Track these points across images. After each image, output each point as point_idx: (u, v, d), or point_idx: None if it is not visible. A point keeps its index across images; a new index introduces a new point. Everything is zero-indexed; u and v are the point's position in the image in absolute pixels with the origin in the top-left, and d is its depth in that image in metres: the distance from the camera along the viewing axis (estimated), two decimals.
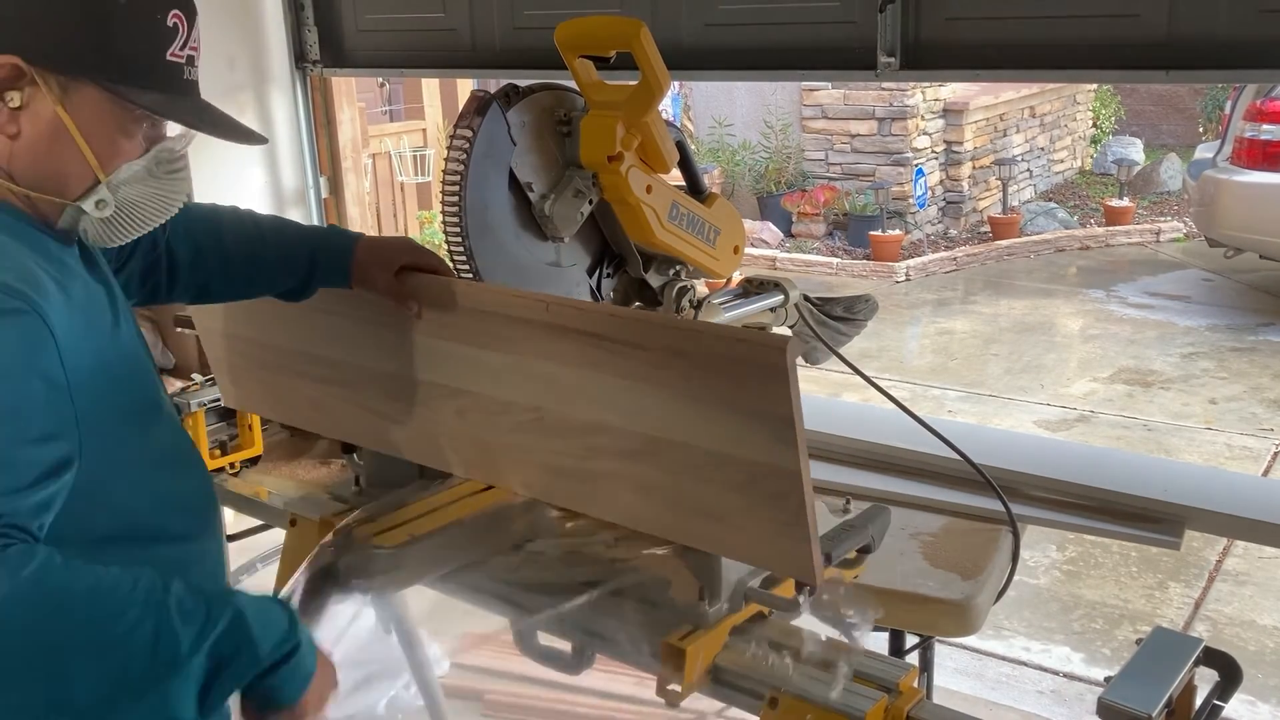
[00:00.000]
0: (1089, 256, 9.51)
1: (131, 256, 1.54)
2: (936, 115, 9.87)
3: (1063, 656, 3.79)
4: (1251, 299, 8.04)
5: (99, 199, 1.25)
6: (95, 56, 1.20)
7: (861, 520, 1.59)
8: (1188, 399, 6.20)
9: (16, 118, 1.21)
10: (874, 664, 1.39)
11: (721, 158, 10.35)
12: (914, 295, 8.60)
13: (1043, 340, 7.42)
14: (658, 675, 1.39)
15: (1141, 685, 1.33)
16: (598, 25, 1.87)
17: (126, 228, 1.29)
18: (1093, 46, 2.33)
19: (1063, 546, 4.47)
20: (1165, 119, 13.55)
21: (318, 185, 3.91)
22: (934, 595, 1.78)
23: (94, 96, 1.21)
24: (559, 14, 1.95)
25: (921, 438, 2.06)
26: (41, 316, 1.14)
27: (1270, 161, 7.39)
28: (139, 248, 1.52)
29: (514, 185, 1.83)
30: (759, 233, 9.65)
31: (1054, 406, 6.14)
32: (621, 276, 2.02)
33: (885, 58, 2.55)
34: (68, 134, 1.21)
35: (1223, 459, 5.39)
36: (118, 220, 1.28)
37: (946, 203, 10.11)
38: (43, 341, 1.14)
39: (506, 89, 1.82)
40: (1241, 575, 4.29)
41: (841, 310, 2.33)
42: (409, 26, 3.45)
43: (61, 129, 1.21)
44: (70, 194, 1.25)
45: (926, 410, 3.19)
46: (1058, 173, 11.60)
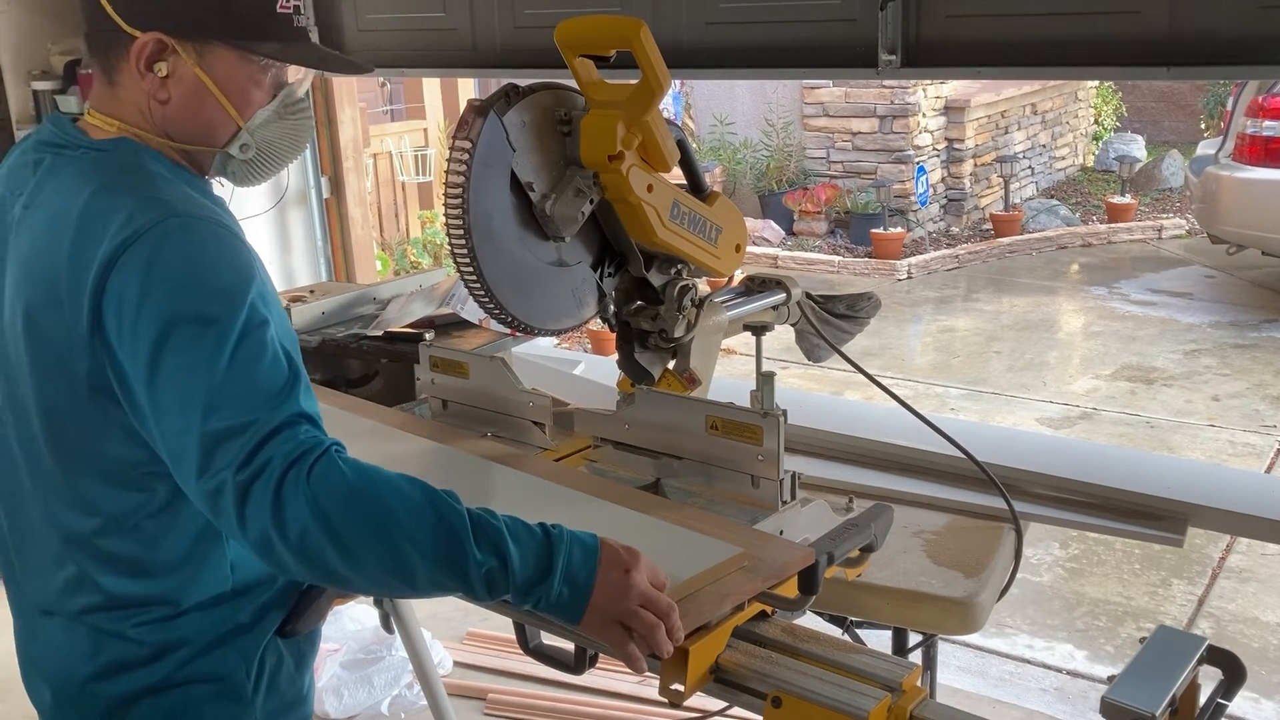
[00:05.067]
0: (1091, 254, 9.50)
1: None
2: (938, 113, 9.86)
3: (1066, 654, 3.79)
4: (1254, 295, 8.03)
5: (242, 143, 1.44)
6: (221, 20, 1.37)
7: (864, 518, 1.59)
8: (1190, 396, 6.19)
9: (166, 85, 1.37)
10: (877, 663, 1.38)
11: (723, 156, 10.35)
12: (916, 293, 8.59)
13: (1045, 337, 7.41)
14: (660, 675, 1.39)
15: (1145, 684, 1.33)
16: (598, 24, 1.87)
17: (267, 166, 1.49)
18: (1094, 44, 2.33)
19: (1065, 544, 4.47)
20: (1167, 116, 13.54)
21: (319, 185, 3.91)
22: (937, 593, 1.78)
23: (224, 55, 1.38)
24: (559, 13, 1.95)
25: (924, 435, 2.06)
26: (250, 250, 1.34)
27: (1272, 158, 7.38)
28: None
29: (515, 186, 1.83)
30: (761, 231, 9.64)
31: (1056, 404, 6.14)
32: (623, 276, 2.02)
33: (886, 56, 2.54)
34: (208, 92, 1.39)
35: (1225, 456, 5.38)
36: (259, 160, 1.47)
37: (948, 200, 10.10)
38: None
39: (507, 89, 1.82)
40: (1244, 572, 4.29)
41: (844, 308, 2.33)
42: (409, 26, 3.45)
43: (203, 88, 1.38)
44: (219, 142, 1.43)
45: (929, 408, 3.19)
46: (1059, 170, 11.59)
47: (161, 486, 1.34)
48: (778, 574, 1.43)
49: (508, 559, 1.25)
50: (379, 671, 3.40)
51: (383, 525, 1.21)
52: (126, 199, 1.30)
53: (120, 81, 1.40)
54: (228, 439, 1.20)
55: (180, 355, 1.22)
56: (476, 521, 1.26)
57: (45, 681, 1.46)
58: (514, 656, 3.52)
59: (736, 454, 1.66)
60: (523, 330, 1.94)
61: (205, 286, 1.25)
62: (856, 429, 2.28)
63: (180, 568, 1.39)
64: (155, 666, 1.40)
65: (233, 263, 1.29)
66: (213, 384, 1.21)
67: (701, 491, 1.71)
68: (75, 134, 1.41)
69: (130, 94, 1.40)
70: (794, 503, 1.66)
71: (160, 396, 1.23)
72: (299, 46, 1.45)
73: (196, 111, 1.40)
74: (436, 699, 2.92)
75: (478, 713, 3.40)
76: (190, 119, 1.40)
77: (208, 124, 1.41)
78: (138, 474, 1.34)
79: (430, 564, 1.22)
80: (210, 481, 1.21)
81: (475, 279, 1.81)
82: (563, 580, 1.27)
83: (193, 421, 1.21)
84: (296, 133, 1.50)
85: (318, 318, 2.59)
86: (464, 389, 2.05)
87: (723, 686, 1.40)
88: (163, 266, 1.25)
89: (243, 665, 1.45)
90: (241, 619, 1.44)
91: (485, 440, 1.94)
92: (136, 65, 1.37)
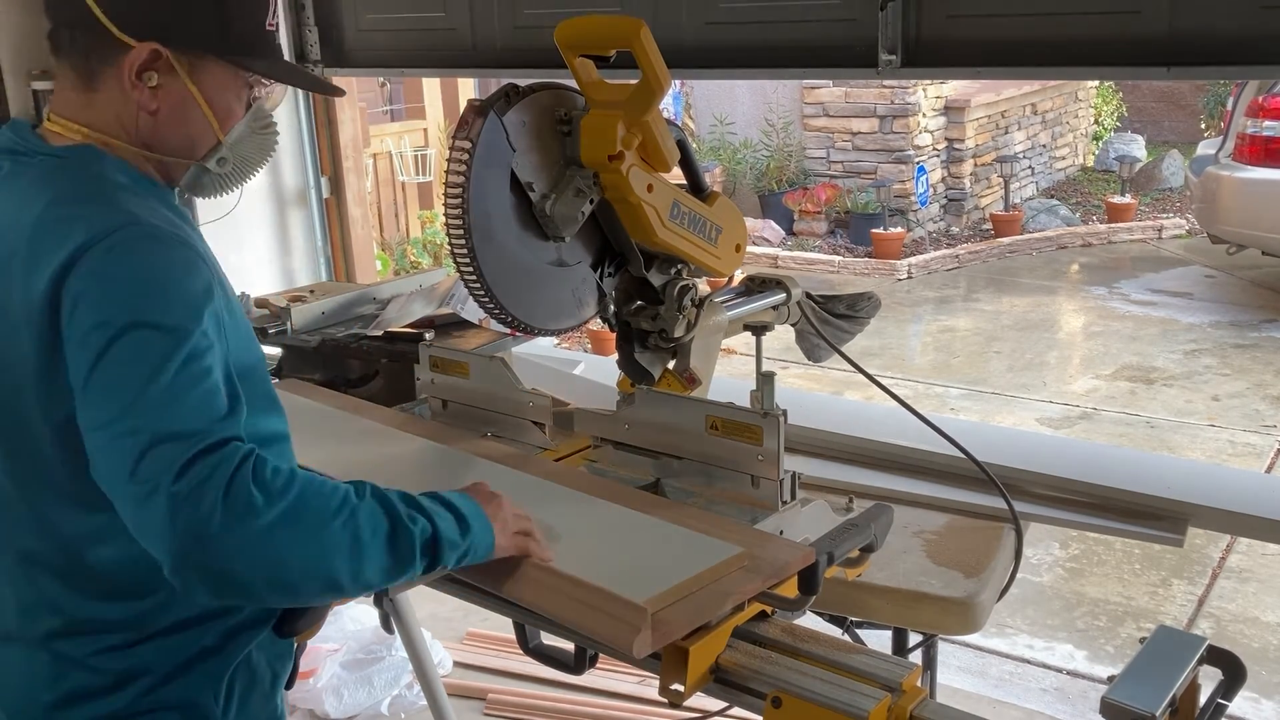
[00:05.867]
0: (1091, 253, 9.50)
1: None
2: (938, 113, 9.86)
3: (1066, 654, 3.79)
4: (1254, 295, 8.03)
5: (220, 157, 1.44)
6: (220, 36, 1.38)
7: (864, 518, 1.59)
8: (1190, 396, 6.19)
9: (155, 96, 1.37)
10: (877, 663, 1.38)
11: (723, 156, 10.35)
12: (916, 293, 8.59)
13: (1045, 337, 7.41)
14: (660, 675, 1.39)
15: (1145, 684, 1.33)
16: (598, 24, 1.87)
17: (237, 179, 1.50)
18: (1094, 43, 2.33)
19: (1066, 544, 4.47)
20: (1167, 115, 13.55)
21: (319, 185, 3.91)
22: (937, 593, 1.78)
23: (217, 70, 1.39)
24: (559, 13, 1.95)
25: (924, 435, 2.06)
26: (213, 272, 1.32)
27: (1272, 158, 7.38)
28: None
29: (515, 186, 1.83)
30: (761, 231, 9.64)
31: (1056, 404, 6.14)
32: (623, 276, 2.02)
33: (886, 55, 2.54)
34: (195, 105, 1.39)
35: (1225, 456, 5.38)
36: (232, 173, 1.48)
37: (948, 200, 10.11)
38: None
39: (506, 89, 1.82)
40: (1245, 572, 4.29)
41: (844, 308, 2.33)
42: (409, 26, 3.45)
43: (191, 101, 1.39)
44: (198, 155, 1.43)
45: (929, 408, 3.19)
46: (1059, 170, 11.59)
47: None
48: (778, 574, 1.43)
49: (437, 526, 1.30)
50: (379, 671, 3.40)
51: (317, 532, 1.19)
52: (85, 207, 1.28)
53: (101, 88, 1.37)
54: (167, 443, 1.16)
55: (127, 356, 1.19)
56: (405, 499, 1.30)
57: (3, 709, 1.41)
58: (514, 656, 3.52)
59: (736, 454, 1.66)
60: (523, 330, 1.94)
61: (162, 295, 1.23)
62: (856, 429, 2.28)
63: (143, 591, 1.34)
64: (118, 695, 1.36)
65: (191, 279, 1.26)
66: (158, 388, 1.18)
67: (701, 491, 1.71)
68: (34, 141, 1.38)
69: (110, 102, 1.37)
70: (794, 503, 1.66)
71: (98, 393, 1.19)
72: (283, 64, 1.48)
73: (182, 124, 1.40)
74: (436, 699, 2.92)
75: (478, 713, 3.40)
76: (174, 131, 1.40)
77: (191, 137, 1.41)
78: (98, 493, 1.27)
79: (372, 554, 1.23)
80: (142, 486, 1.15)
81: (475, 279, 1.81)
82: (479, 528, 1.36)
83: (131, 422, 1.17)
84: (265, 147, 1.51)
85: (318, 318, 2.59)
86: (464, 389, 2.05)
87: (723, 686, 1.40)
88: (121, 270, 1.23)
89: (210, 690, 1.41)
90: (207, 642, 1.40)
91: (485, 440, 1.94)
92: (128, 74, 1.34)
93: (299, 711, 3.33)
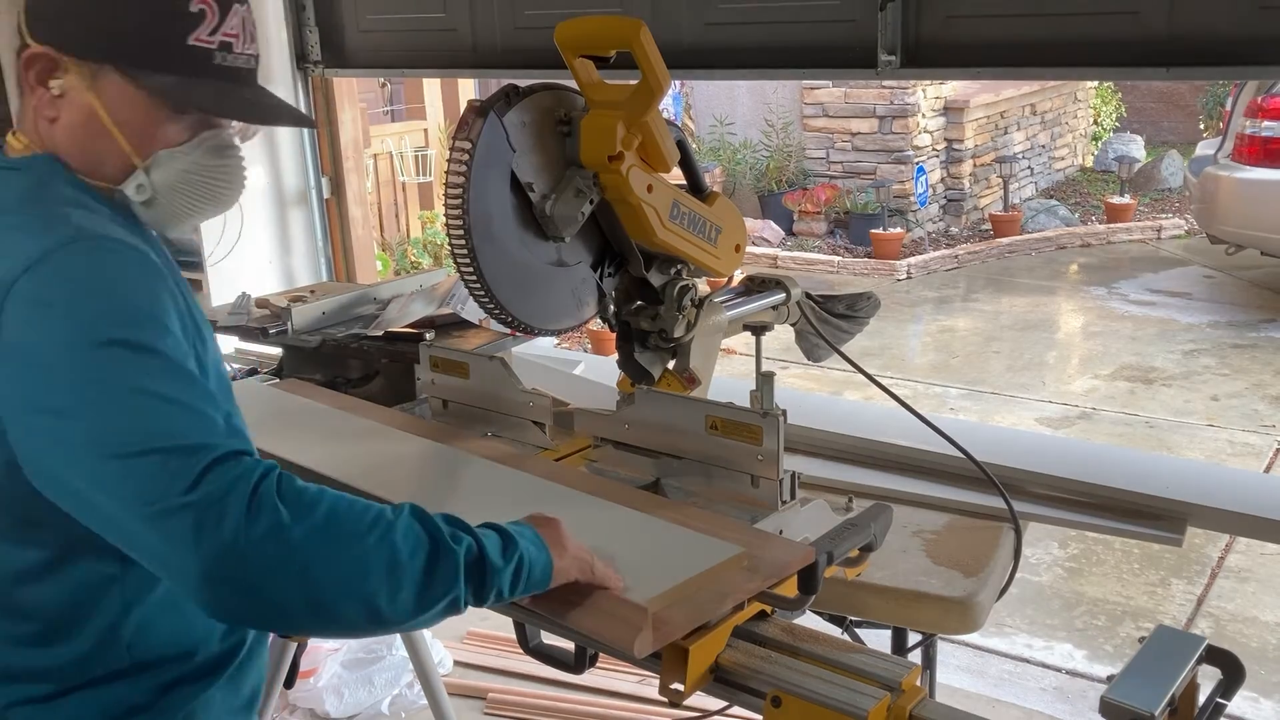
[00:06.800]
0: (1090, 254, 9.50)
1: None
2: (937, 113, 9.86)
3: (1065, 654, 3.79)
4: (1253, 295, 8.03)
5: (138, 184, 1.29)
6: (110, 42, 1.24)
7: (864, 518, 1.59)
8: (1189, 396, 6.19)
9: (56, 104, 1.26)
10: (877, 662, 1.39)
11: (723, 156, 10.35)
12: (915, 293, 8.59)
13: (1044, 337, 7.41)
14: (660, 675, 1.39)
15: (1144, 683, 1.33)
16: (598, 25, 1.87)
17: (172, 215, 1.32)
18: (1093, 44, 2.33)
19: (1065, 544, 4.47)
20: (1166, 116, 13.54)
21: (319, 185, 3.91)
22: (936, 593, 1.78)
23: (117, 81, 1.24)
24: (559, 14, 1.95)
25: (924, 435, 2.06)
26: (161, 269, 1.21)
27: (1271, 158, 7.38)
28: None
29: (515, 186, 1.83)
30: (760, 231, 9.65)
31: (1056, 404, 6.14)
32: (623, 276, 2.02)
33: (886, 56, 2.54)
34: (99, 119, 1.25)
35: (1224, 455, 5.39)
36: (161, 206, 1.31)
37: (948, 200, 10.11)
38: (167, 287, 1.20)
39: (506, 89, 1.82)
40: (1244, 572, 4.29)
41: (843, 308, 2.33)
42: (410, 27, 3.45)
43: (94, 115, 1.25)
44: (110, 177, 1.28)
45: (928, 408, 3.19)
46: (1059, 170, 11.59)
47: (50, 538, 1.20)
48: (778, 573, 1.43)
49: (483, 546, 1.19)
50: (379, 671, 3.40)
51: (350, 548, 1.10)
52: (24, 218, 1.19)
53: (22, 93, 1.29)
54: (174, 457, 1.07)
55: (100, 376, 1.09)
56: (450, 520, 1.20)
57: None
58: (514, 656, 3.53)
59: (736, 454, 1.66)
60: (523, 330, 1.95)
61: (121, 311, 1.13)
62: (856, 429, 2.28)
63: (67, 636, 1.23)
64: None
65: (148, 288, 1.16)
66: (145, 403, 1.09)
67: (701, 491, 1.71)
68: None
69: (27, 108, 1.29)
70: (794, 502, 1.66)
71: (75, 421, 1.09)
72: (207, 85, 1.28)
73: (85, 139, 1.27)
74: (436, 698, 2.92)
75: (478, 712, 3.40)
76: (78, 146, 1.27)
77: (97, 154, 1.27)
78: (31, 526, 1.18)
79: (410, 574, 1.12)
80: (152, 507, 1.05)
81: (475, 279, 1.82)
82: (530, 548, 1.26)
83: (123, 443, 1.07)
84: (212, 184, 1.33)
85: (318, 318, 2.59)
86: (464, 389, 2.05)
87: (723, 686, 1.40)
88: (73, 287, 1.12)
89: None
90: (137, 699, 1.26)
91: (485, 440, 1.94)
92: (27, 77, 1.26)
93: (299, 711, 3.33)
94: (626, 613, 1.30)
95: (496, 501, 1.64)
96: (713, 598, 1.38)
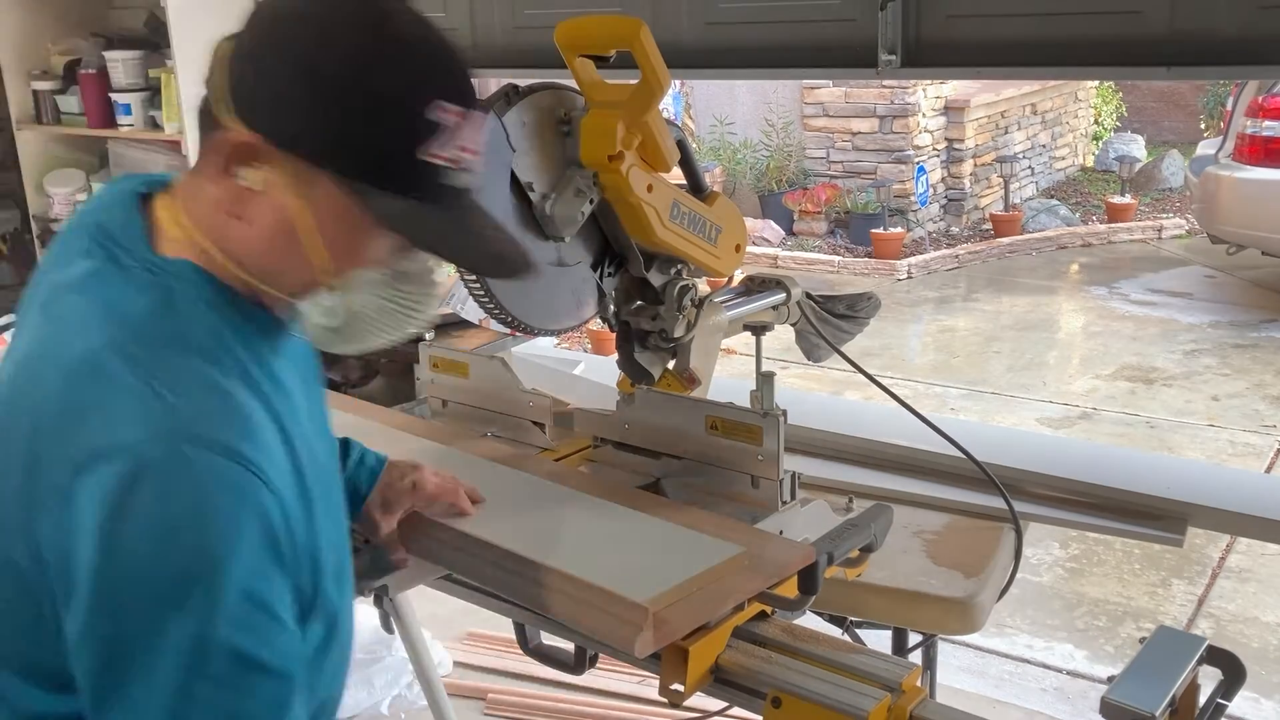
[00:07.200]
0: (1091, 253, 9.50)
1: None
2: (938, 113, 9.86)
3: (1066, 654, 3.79)
4: (1254, 295, 8.03)
5: (327, 306, 1.12)
6: (335, 146, 1.04)
7: (864, 518, 1.59)
8: (1190, 396, 6.19)
9: (246, 199, 1.07)
10: (877, 662, 1.38)
11: (723, 156, 10.35)
12: (916, 293, 8.59)
13: (1045, 337, 7.41)
14: (660, 675, 1.39)
15: (1145, 684, 1.33)
16: (598, 25, 1.87)
17: (349, 339, 1.16)
18: (1094, 44, 2.33)
19: (1065, 544, 4.47)
20: (1167, 115, 13.54)
21: None
22: (937, 593, 1.78)
23: (331, 190, 1.05)
24: (559, 13, 1.95)
25: (924, 435, 2.06)
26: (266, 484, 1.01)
27: (1272, 158, 7.38)
28: None
29: (515, 186, 1.83)
30: (760, 231, 9.64)
31: (1056, 404, 6.14)
32: (623, 275, 2.02)
33: (886, 55, 2.54)
34: (297, 226, 1.06)
35: (1225, 456, 5.38)
36: (342, 330, 1.14)
37: (948, 200, 10.10)
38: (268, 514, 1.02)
39: (506, 89, 1.82)
40: (1244, 572, 4.29)
41: (844, 308, 2.33)
42: None
43: (292, 220, 1.06)
44: (284, 289, 1.11)
45: (929, 408, 3.19)
46: (1059, 170, 11.59)
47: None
48: (778, 573, 1.43)
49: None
50: (379, 671, 3.40)
51: None
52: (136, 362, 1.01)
53: (203, 170, 1.09)
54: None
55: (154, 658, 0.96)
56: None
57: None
58: (514, 656, 3.52)
59: (736, 454, 1.66)
60: (523, 330, 1.94)
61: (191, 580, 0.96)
62: (856, 429, 2.28)
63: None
64: None
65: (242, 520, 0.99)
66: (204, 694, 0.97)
67: (701, 491, 1.71)
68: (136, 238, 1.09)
69: (206, 190, 1.09)
70: (794, 503, 1.66)
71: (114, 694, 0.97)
72: (433, 216, 1.07)
73: (273, 244, 1.08)
74: (436, 699, 2.92)
75: (478, 713, 3.40)
76: (259, 250, 1.09)
77: (280, 263, 1.09)
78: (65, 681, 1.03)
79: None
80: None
81: (475, 279, 1.82)
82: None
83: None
84: (404, 312, 1.15)
85: None
86: (464, 389, 2.05)
87: (723, 686, 1.40)
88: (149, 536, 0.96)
89: None
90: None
91: (485, 440, 1.94)
92: (221, 160, 1.06)
93: None
94: (628, 612, 1.30)
95: (496, 502, 1.64)
96: (713, 598, 1.38)
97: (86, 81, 4.17)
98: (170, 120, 3.97)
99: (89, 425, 0.99)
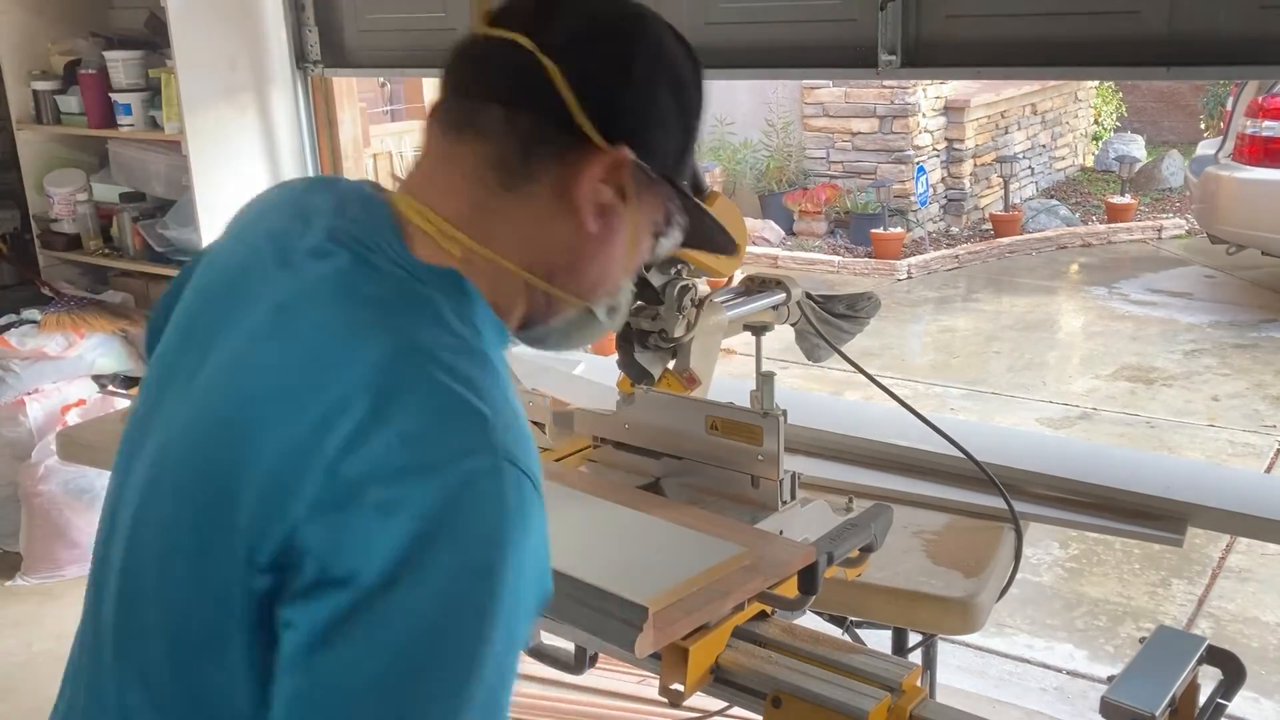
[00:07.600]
0: (1091, 253, 9.50)
1: None
2: (938, 113, 9.86)
3: (1066, 654, 3.79)
4: (1254, 295, 8.03)
5: (613, 305, 1.11)
6: (679, 157, 1.08)
7: (864, 518, 1.59)
8: (1190, 396, 6.19)
9: (596, 213, 1.02)
10: (877, 662, 1.39)
11: (723, 156, 10.35)
12: (916, 293, 8.59)
13: (1045, 338, 7.41)
14: (660, 675, 1.39)
15: (1145, 684, 1.33)
16: None
17: (593, 336, 1.14)
18: (1094, 44, 2.33)
19: (1065, 544, 4.47)
20: (1167, 116, 13.54)
21: None
22: (937, 593, 1.78)
23: (658, 197, 1.08)
24: None
25: (924, 435, 2.06)
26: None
27: (1272, 158, 7.38)
28: None
29: None
30: (761, 231, 9.65)
31: (1056, 404, 6.14)
32: None
33: (886, 56, 2.54)
34: (624, 235, 1.05)
35: (1225, 456, 5.39)
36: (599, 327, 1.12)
37: (948, 200, 10.11)
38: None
39: None
40: (1244, 572, 4.29)
41: (843, 308, 2.33)
42: (410, 26, 3.45)
43: (628, 228, 1.05)
44: (593, 296, 1.09)
45: (929, 408, 3.19)
46: (1059, 170, 11.59)
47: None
48: (778, 573, 1.43)
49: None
50: None
51: None
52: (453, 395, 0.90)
53: (520, 191, 1.00)
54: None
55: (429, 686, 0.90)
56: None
57: None
58: None
59: (736, 454, 1.66)
60: None
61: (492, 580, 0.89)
62: (856, 429, 2.28)
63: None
64: None
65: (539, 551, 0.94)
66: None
67: (701, 491, 1.71)
68: (395, 242, 0.99)
69: (524, 211, 1.01)
70: (794, 503, 1.66)
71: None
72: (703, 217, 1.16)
73: (607, 253, 1.06)
74: None
75: None
76: (594, 262, 1.06)
77: (605, 272, 1.07)
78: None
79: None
80: None
81: None
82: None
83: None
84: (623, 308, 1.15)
85: None
86: None
87: (723, 686, 1.40)
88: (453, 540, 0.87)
89: None
90: None
91: None
92: (586, 183, 1.00)
93: None
94: (627, 612, 1.30)
95: None
96: (713, 598, 1.38)
97: (86, 81, 4.17)
98: (170, 120, 3.96)
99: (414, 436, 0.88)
